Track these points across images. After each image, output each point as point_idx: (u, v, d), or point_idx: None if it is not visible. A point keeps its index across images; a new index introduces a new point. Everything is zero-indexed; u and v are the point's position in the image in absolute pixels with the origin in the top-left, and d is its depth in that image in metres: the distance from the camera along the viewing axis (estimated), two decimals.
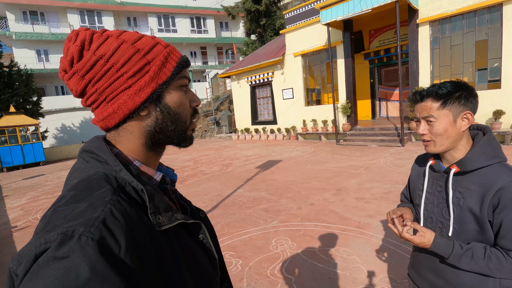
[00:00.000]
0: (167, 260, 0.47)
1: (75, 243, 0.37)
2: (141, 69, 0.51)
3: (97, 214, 0.41)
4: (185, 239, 0.54)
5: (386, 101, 11.56)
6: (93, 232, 0.39)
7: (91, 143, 0.53)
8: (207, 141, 15.54)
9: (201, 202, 4.82)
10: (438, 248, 0.95)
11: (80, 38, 0.50)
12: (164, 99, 0.54)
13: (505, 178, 0.89)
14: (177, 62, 0.56)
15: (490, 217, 0.90)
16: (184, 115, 0.57)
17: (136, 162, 0.54)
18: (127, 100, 0.51)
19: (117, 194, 0.45)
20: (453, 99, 0.93)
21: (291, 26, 12.05)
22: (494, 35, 7.50)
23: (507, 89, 7.38)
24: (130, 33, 0.53)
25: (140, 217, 0.46)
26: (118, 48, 0.50)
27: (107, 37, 0.51)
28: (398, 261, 2.56)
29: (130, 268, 0.40)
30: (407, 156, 6.84)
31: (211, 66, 26.34)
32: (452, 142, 0.96)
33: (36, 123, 12.86)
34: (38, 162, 12.87)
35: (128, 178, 0.48)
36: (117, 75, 0.50)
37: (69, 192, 0.45)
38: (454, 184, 0.99)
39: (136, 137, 0.54)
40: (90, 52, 0.49)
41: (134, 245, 0.42)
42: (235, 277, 2.54)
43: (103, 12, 22.70)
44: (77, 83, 0.50)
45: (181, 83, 0.57)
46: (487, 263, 0.89)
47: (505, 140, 7.15)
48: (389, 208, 3.76)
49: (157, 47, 0.54)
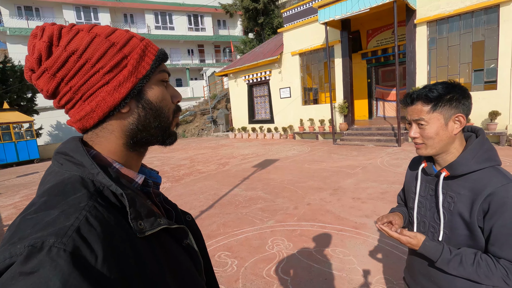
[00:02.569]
0: (150, 268, 0.44)
1: (45, 256, 0.33)
2: (118, 64, 0.48)
3: (71, 222, 0.37)
4: (169, 245, 0.51)
5: (383, 101, 11.59)
6: (65, 242, 0.35)
7: (66, 144, 0.49)
8: (203, 140, 15.48)
9: (197, 201, 4.78)
10: (426, 251, 0.94)
11: (47, 33, 0.46)
12: (145, 94, 0.51)
13: (496, 183, 0.86)
14: (155, 55, 0.53)
15: (481, 222, 0.88)
16: (167, 110, 0.55)
17: (116, 164, 0.51)
18: (106, 97, 0.47)
19: (93, 199, 0.42)
20: (444, 102, 0.90)
21: (289, 25, 12.02)
22: (490, 36, 7.53)
23: (503, 90, 7.42)
24: (102, 27, 0.50)
25: (120, 223, 0.43)
26: (91, 42, 0.47)
27: (77, 31, 0.47)
28: (394, 262, 2.55)
29: (108, 280, 0.36)
30: (404, 156, 6.86)
31: (208, 64, 26.24)
32: (444, 145, 0.94)
33: (31, 120, 12.71)
34: (32, 159, 12.74)
35: (106, 181, 0.45)
36: (92, 71, 0.46)
37: (40, 198, 0.41)
38: (445, 188, 0.97)
39: (116, 137, 0.51)
40: (60, 48, 0.45)
41: (113, 254, 0.39)
42: (230, 277, 2.51)
43: (99, 9, 22.49)
44: (48, 82, 0.46)
45: (161, 77, 0.54)
46: (476, 269, 0.87)
47: (500, 141, 7.19)
48: (385, 208, 3.75)
49: (132, 40, 0.51)
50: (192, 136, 18.36)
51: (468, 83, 8.15)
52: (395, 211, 1.20)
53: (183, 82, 26.41)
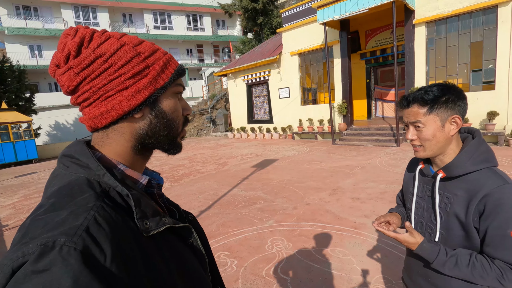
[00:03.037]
0: (157, 266, 0.45)
1: (56, 255, 0.35)
2: (140, 72, 0.51)
3: (80, 222, 0.39)
4: (174, 244, 0.53)
5: (382, 101, 11.62)
6: (75, 241, 0.36)
7: (72, 147, 0.51)
8: (202, 140, 15.47)
9: (196, 201, 4.79)
10: (423, 252, 0.96)
11: (80, 35, 0.49)
12: (160, 103, 0.54)
13: (491, 184, 0.87)
14: (175, 69, 0.56)
15: (476, 223, 0.89)
16: (177, 122, 0.58)
17: (121, 165, 0.52)
18: (123, 101, 0.50)
19: (101, 200, 0.43)
20: (440, 103, 0.91)
21: (288, 25, 12.03)
22: (489, 36, 7.56)
23: (501, 91, 7.45)
24: (131, 37, 0.54)
25: (126, 223, 0.44)
26: (119, 49, 0.50)
27: (108, 37, 0.51)
28: (393, 261, 2.56)
29: (117, 278, 0.38)
30: (402, 156, 6.88)
31: (207, 64, 26.22)
32: (442, 146, 0.95)
33: (29, 120, 12.67)
34: (30, 159, 12.70)
35: (112, 182, 0.46)
36: (115, 75, 0.49)
37: (49, 200, 0.43)
38: (442, 189, 0.98)
39: (126, 139, 0.53)
40: (89, 49, 0.49)
41: (121, 253, 0.40)
42: (230, 277, 2.51)
43: (98, 8, 22.42)
44: (71, 79, 0.49)
45: (177, 90, 0.57)
46: (471, 270, 0.88)
47: (498, 141, 7.22)
48: (384, 208, 3.76)
49: (157, 53, 0.54)
50: (191, 136, 18.35)
51: (467, 83, 8.18)
52: (394, 211, 1.21)
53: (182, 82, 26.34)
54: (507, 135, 7.14)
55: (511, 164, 5.39)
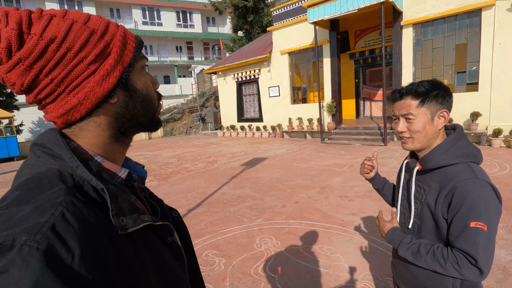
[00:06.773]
0: (132, 266, 0.42)
1: (15, 255, 0.31)
2: (102, 52, 0.46)
3: (45, 218, 0.35)
4: (153, 242, 0.50)
5: (370, 101, 11.79)
6: (38, 240, 0.33)
7: (44, 135, 0.46)
8: (192, 138, 15.32)
9: (185, 199, 4.73)
10: (390, 239, 1.05)
11: (14, 19, 0.40)
12: (132, 82, 0.50)
13: (459, 177, 0.91)
14: (134, 42, 0.51)
15: (445, 215, 0.94)
16: (152, 97, 0.54)
17: (98, 157, 0.48)
18: (94, 87, 0.45)
19: (71, 195, 0.39)
20: (431, 97, 0.96)
21: (279, 24, 12.02)
22: (473, 39, 7.77)
23: (483, 92, 7.67)
24: (76, 12, 0.46)
25: (100, 220, 0.40)
26: (69, 29, 0.43)
27: (50, 17, 0.42)
28: (380, 258, 2.60)
29: (85, 279, 0.34)
30: (389, 155, 7.00)
31: (197, 62, 25.97)
32: (429, 139, 1.00)
33: (10, 116, 12.23)
34: (12, 157, 12.26)
35: (86, 175, 0.42)
36: (75, 61, 0.43)
37: (14, 192, 0.39)
38: (420, 181, 1.04)
39: (103, 129, 0.48)
40: (34, 36, 0.41)
41: (92, 252, 0.37)
42: (218, 276, 2.49)
43: (84, 2, 21.83)
44: (23, 75, 0.41)
45: (142, 63, 0.53)
46: (431, 257, 0.92)
47: (481, 141, 7.45)
48: (372, 206, 3.81)
49: (110, 27, 0.48)
50: (180, 134, 18.14)
51: (451, 84, 8.39)
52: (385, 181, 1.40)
53: (171, 79, 25.99)
54: (489, 135, 7.37)
55: (492, 163, 5.56)
